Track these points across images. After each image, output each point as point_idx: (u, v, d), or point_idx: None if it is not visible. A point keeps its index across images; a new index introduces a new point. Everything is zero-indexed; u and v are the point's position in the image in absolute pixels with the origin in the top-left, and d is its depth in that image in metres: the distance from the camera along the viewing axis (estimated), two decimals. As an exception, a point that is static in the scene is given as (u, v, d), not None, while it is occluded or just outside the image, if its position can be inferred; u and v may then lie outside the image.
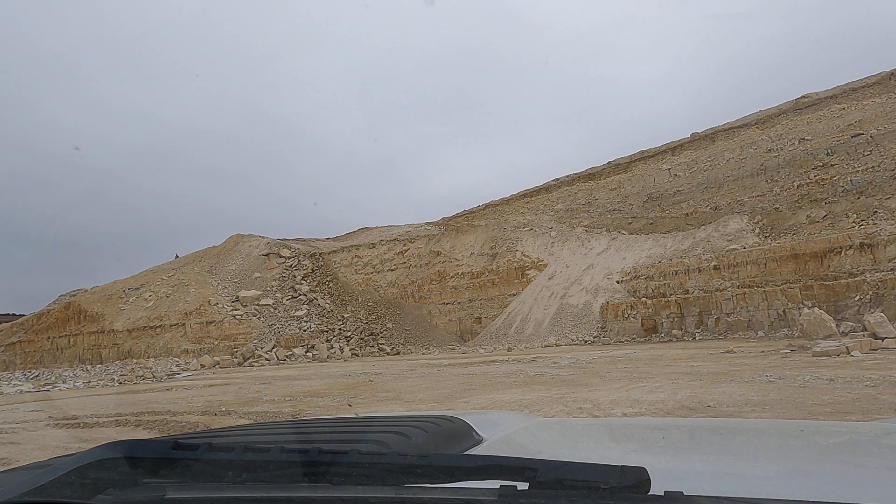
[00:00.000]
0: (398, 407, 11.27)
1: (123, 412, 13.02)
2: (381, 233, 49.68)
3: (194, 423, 10.82)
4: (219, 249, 48.57)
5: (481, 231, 41.59)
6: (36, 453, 8.52)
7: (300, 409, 11.70)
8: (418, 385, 14.86)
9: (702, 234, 32.96)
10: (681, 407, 8.76)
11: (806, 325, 18.79)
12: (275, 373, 24.10)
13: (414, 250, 42.48)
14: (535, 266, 36.67)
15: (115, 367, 34.38)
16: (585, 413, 8.90)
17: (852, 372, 11.15)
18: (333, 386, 16.29)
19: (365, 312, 39.17)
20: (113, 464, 0.84)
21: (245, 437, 1.41)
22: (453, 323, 37.63)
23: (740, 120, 48.02)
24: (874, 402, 8.09)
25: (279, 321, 38.17)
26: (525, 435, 1.72)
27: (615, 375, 13.83)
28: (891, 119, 33.57)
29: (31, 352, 43.82)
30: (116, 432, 10.29)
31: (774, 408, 8.20)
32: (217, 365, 32.09)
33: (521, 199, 54.81)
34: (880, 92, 40.12)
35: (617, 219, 40.82)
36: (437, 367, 20.13)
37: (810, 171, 33.85)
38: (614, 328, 29.45)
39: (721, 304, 26.75)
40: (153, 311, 39.87)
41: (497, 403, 10.61)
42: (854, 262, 24.23)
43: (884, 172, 30.05)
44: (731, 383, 10.93)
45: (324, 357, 33.17)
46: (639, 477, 0.76)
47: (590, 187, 49.42)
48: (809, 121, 40.42)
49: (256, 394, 15.36)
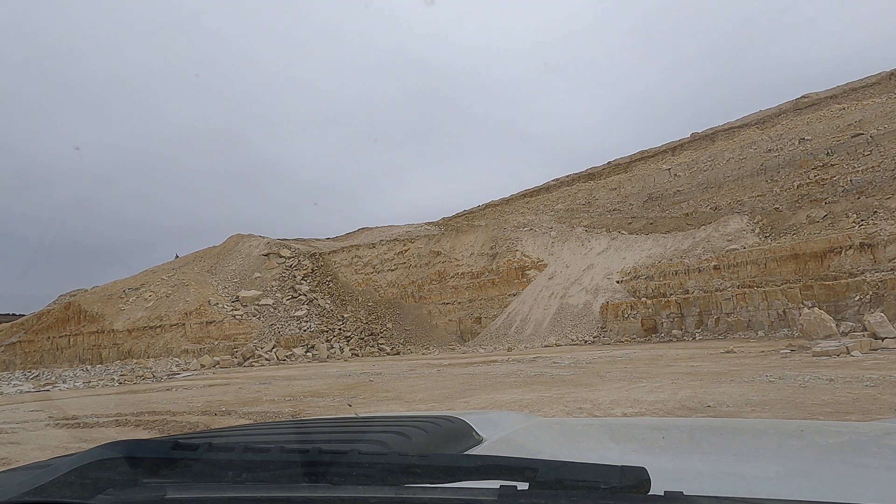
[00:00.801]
0: (398, 407, 11.27)
1: (123, 412, 13.02)
2: (381, 233, 49.68)
3: (194, 423, 10.82)
4: (219, 249, 48.57)
5: (481, 231, 41.59)
6: (36, 453, 8.52)
7: (300, 409, 11.70)
8: (418, 385, 14.86)
9: (702, 234, 32.96)
10: (681, 407, 8.76)
11: (806, 325, 18.79)
12: (275, 373, 24.10)
13: (414, 250, 42.47)
14: (535, 266, 36.67)
15: (115, 367, 34.40)
16: (585, 413, 8.90)
17: (852, 372, 11.15)
18: (333, 386, 16.29)
19: (365, 312, 39.17)
20: (113, 464, 0.84)
21: (245, 437, 1.41)
22: (453, 323, 37.63)
23: (740, 120, 48.03)
24: (874, 402, 8.09)
25: (279, 321, 38.16)
26: (525, 435, 1.72)
27: (615, 375, 13.83)
28: (891, 119, 33.57)
29: (31, 352, 43.82)
30: (116, 432, 10.29)
31: (774, 408, 8.20)
32: (217, 365, 32.09)
33: (521, 199, 54.84)
34: (880, 92, 40.13)
35: (617, 219, 40.82)
36: (437, 367, 20.13)
37: (810, 171, 33.86)
38: (614, 328, 29.45)
39: (721, 304, 26.75)
40: (153, 311, 39.87)
41: (497, 403, 10.61)
42: (854, 262, 24.23)
43: (884, 172, 30.06)
44: (731, 383, 10.93)
45: (324, 357, 33.17)
46: (639, 477, 0.76)
47: (590, 187, 49.43)
48: (809, 121, 40.43)
49: (256, 394, 15.36)
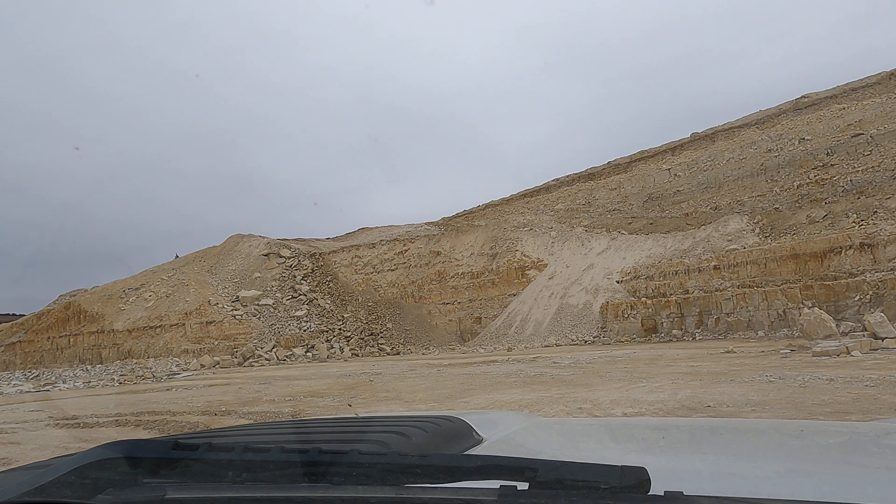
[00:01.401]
0: (398, 407, 11.27)
1: (123, 412, 13.02)
2: (381, 233, 49.68)
3: (194, 423, 10.82)
4: (219, 249, 48.57)
5: (481, 231, 41.59)
6: (36, 453, 8.52)
7: (300, 409, 11.70)
8: (418, 385, 14.86)
9: (702, 234, 32.96)
10: (681, 407, 8.76)
11: (806, 325, 18.78)
12: (275, 373, 24.10)
13: (414, 250, 42.47)
14: (535, 266, 36.67)
15: (115, 367, 34.40)
16: (585, 413, 8.90)
17: (852, 372, 11.15)
18: (333, 386, 16.29)
19: (365, 312, 39.16)
20: (113, 464, 0.84)
21: (245, 437, 1.41)
22: (453, 323, 37.62)
23: (740, 120, 48.00)
24: (874, 402, 8.09)
25: (279, 321, 38.16)
26: (525, 435, 1.72)
27: (615, 375, 13.83)
28: (891, 119, 33.57)
29: (31, 352, 43.82)
30: (116, 432, 10.29)
31: (774, 408, 8.20)
32: (217, 365, 32.10)
33: (521, 199, 54.82)
34: (880, 92, 40.10)
35: (617, 219, 40.81)
36: (437, 367, 20.13)
37: (810, 171, 33.85)
38: (614, 328, 29.45)
39: (721, 304, 26.75)
40: (153, 311, 39.87)
41: (497, 403, 10.61)
42: (854, 262, 24.23)
43: (884, 172, 30.06)
44: (731, 383, 10.92)
45: (324, 357, 33.17)
46: (639, 477, 0.76)
47: (590, 187, 49.41)
48: (809, 121, 40.41)
49: (256, 394, 15.36)
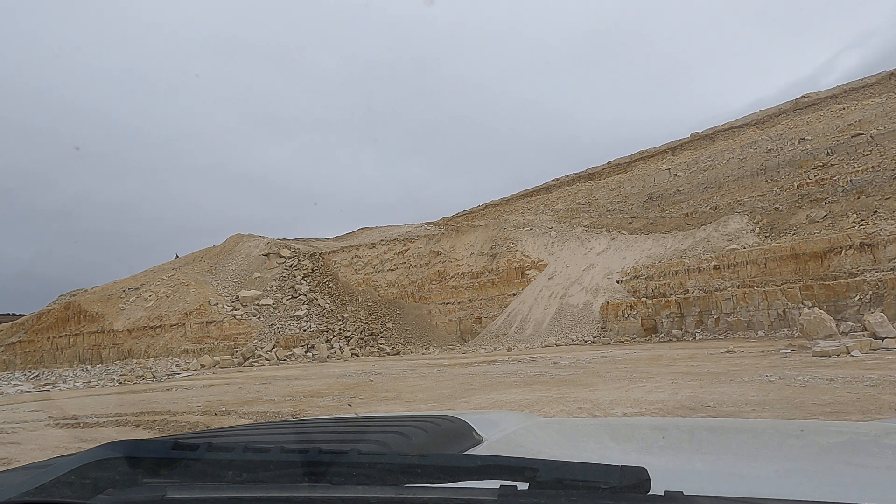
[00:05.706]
0: (398, 407, 11.27)
1: (123, 412, 13.02)
2: (381, 233, 49.67)
3: (194, 423, 10.81)
4: (219, 249, 48.58)
5: (481, 231, 41.58)
6: (36, 453, 8.51)
7: (300, 409, 11.69)
8: (418, 385, 14.86)
9: (702, 234, 32.95)
10: (681, 407, 8.76)
11: (806, 325, 18.78)
12: (275, 373, 24.09)
13: (414, 250, 42.47)
14: (535, 266, 36.67)
15: (115, 367, 34.38)
16: (585, 413, 8.90)
17: (852, 372, 11.14)
18: (333, 386, 16.29)
19: (365, 312, 39.16)
20: (113, 464, 0.84)
21: (245, 437, 1.41)
22: (453, 323, 37.62)
23: (740, 120, 48.03)
24: (874, 402, 8.08)
25: (279, 321, 38.16)
26: (525, 435, 1.72)
27: (615, 375, 13.83)
28: (891, 119, 33.57)
29: (31, 352, 43.83)
30: (116, 432, 10.28)
31: (774, 408, 8.20)
32: (217, 365, 32.09)
33: (521, 199, 54.83)
34: (880, 92, 40.13)
35: (617, 219, 40.80)
36: (437, 367, 20.13)
37: (810, 171, 33.84)
38: (614, 328, 29.44)
39: (721, 304, 26.75)
40: (153, 311, 39.87)
41: (497, 403, 10.60)
42: (854, 262, 24.23)
43: (884, 172, 30.04)
44: (731, 383, 10.92)
45: (324, 357, 33.17)
46: (639, 477, 0.76)
47: (590, 187, 49.41)
48: (809, 121, 40.42)
49: (256, 394, 15.36)
